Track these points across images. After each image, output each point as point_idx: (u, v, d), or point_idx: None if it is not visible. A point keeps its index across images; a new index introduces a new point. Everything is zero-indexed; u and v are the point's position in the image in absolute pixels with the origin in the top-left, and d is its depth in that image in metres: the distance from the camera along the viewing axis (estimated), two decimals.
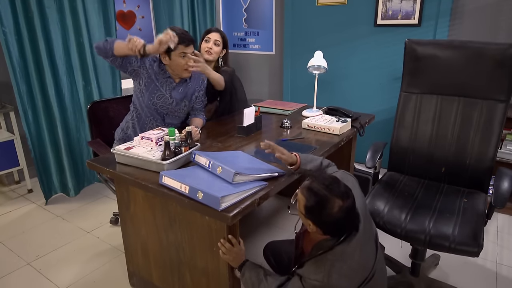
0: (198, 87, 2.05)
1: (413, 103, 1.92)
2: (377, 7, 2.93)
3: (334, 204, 1.05)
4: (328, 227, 1.10)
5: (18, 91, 2.41)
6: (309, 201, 1.08)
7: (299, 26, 3.38)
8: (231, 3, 3.84)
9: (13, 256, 2.14)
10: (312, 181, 1.11)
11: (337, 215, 1.06)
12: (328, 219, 1.07)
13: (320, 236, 1.13)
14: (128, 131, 1.99)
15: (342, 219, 1.07)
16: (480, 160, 1.76)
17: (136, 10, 3.33)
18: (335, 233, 1.11)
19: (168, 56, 1.83)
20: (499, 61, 1.69)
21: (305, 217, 1.11)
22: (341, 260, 1.08)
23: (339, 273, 1.07)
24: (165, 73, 1.91)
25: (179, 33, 1.78)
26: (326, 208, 1.05)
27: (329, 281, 1.06)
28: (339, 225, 1.09)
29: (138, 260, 1.73)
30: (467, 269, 2.00)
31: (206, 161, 1.44)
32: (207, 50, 2.21)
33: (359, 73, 3.21)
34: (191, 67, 1.88)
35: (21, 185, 3.01)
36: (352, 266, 1.09)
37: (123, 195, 1.64)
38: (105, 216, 2.54)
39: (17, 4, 2.31)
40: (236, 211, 1.21)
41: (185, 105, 2.01)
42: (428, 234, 1.46)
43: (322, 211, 1.06)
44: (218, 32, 2.23)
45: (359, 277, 1.11)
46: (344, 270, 1.08)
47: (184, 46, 1.81)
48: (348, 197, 1.08)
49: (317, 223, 1.09)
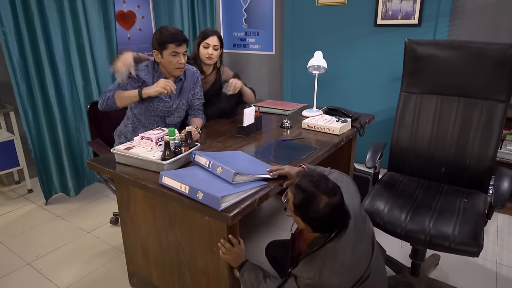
0: (193, 85, 2.08)
1: (413, 103, 1.92)
2: (377, 7, 2.93)
3: (321, 200, 1.07)
4: (316, 224, 1.12)
5: (18, 91, 2.41)
6: (296, 198, 1.10)
7: (299, 26, 3.38)
8: (231, 3, 3.84)
9: (13, 256, 2.14)
10: (301, 178, 1.13)
11: (324, 211, 1.08)
12: (315, 215, 1.09)
13: (312, 234, 1.15)
14: (128, 135, 1.99)
15: (329, 216, 1.09)
16: (480, 160, 1.76)
17: (136, 10, 3.33)
18: (323, 230, 1.12)
19: (160, 54, 1.86)
20: (499, 61, 1.69)
21: (295, 214, 1.14)
22: (332, 257, 1.09)
23: (330, 270, 1.08)
24: (161, 74, 1.93)
25: (172, 32, 1.81)
26: (313, 204, 1.08)
27: (320, 279, 1.07)
28: (326, 222, 1.11)
29: (138, 260, 1.73)
30: (467, 269, 2.00)
31: (206, 161, 1.44)
32: (208, 56, 2.21)
33: (359, 73, 3.21)
34: (232, 89, 2.11)
35: (21, 185, 3.01)
36: (344, 263, 1.10)
37: (123, 195, 1.64)
38: (105, 216, 2.54)
39: (17, 4, 2.31)
40: (236, 211, 1.21)
41: (183, 104, 2.04)
42: (428, 234, 1.46)
43: (309, 207, 1.09)
44: (215, 35, 2.22)
45: (352, 276, 1.11)
46: (335, 267, 1.09)
47: (175, 46, 1.82)
48: (335, 194, 1.10)
49: (306, 220, 1.12)
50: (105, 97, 1.88)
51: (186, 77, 2.03)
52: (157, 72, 1.94)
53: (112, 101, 1.86)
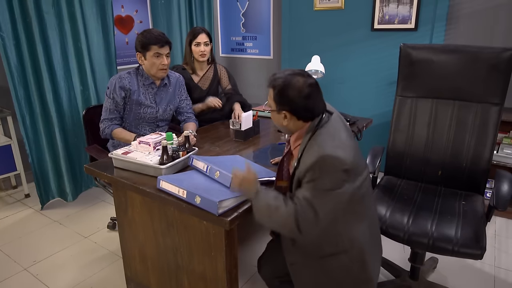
0: (178, 89, 2.14)
1: (408, 107, 1.93)
2: (374, 12, 2.95)
3: (299, 80, 1.17)
4: (300, 107, 1.17)
5: (16, 95, 2.41)
6: (276, 88, 1.18)
7: (297, 30, 3.40)
8: (229, 7, 3.86)
9: (10, 261, 2.12)
10: (274, 75, 1.22)
11: (304, 90, 1.16)
12: (297, 95, 1.16)
13: (300, 127, 1.21)
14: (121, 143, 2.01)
15: (310, 95, 1.16)
16: (476, 162, 1.77)
17: (134, 15, 3.34)
18: (308, 114, 1.19)
19: (143, 56, 1.91)
20: (493, 65, 1.71)
21: (278, 109, 1.20)
22: (329, 136, 1.15)
23: (332, 145, 1.12)
24: (146, 79, 1.98)
25: (155, 35, 1.88)
26: (292, 85, 1.16)
27: (325, 150, 1.10)
28: (310, 102, 1.17)
29: (135, 265, 1.73)
30: (466, 272, 2.00)
31: (204, 165, 1.44)
32: (201, 54, 2.29)
33: (356, 77, 3.22)
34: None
35: (18, 190, 3.00)
36: (342, 140, 1.15)
37: (121, 199, 1.64)
38: (103, 221, 2.53)
39: (15, 10, 2.32)
40: (234, 215, 1.21)
41: (170, 109, 2.10)
42: (431, 237, 1.46)
43: (289, 90, 1.16)
44: (204, 32, 2.30)
45: (354, 157, 1.13)
46: (336, 142, 1.14)
47: (158, 47, 1.88)
48: (310, 76, 1.19)
49: (289, 106, 1.18)
50: (103, 127, 1.98)
51: (171, 82, 2.09)
52: (141, 76, 1.98)
53: (109, 136, 1.99)
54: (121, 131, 1.96)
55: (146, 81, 1.98)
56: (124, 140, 1.92)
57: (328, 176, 1.10)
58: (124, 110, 2.00)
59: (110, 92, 1.94)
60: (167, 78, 2.05)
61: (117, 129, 1.97)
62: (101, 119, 2.00)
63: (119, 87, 1.92)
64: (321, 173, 1.09)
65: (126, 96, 1.95)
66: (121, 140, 1.96)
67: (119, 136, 1.95)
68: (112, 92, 1.93)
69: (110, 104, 1.95)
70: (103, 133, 1.99)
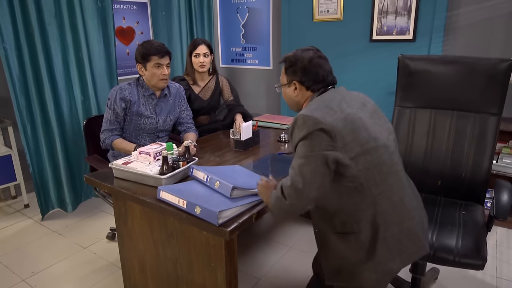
0: (179, 99, 2.16)
1: (407, 117, 1.94)
2: (372, 23, 2.99)
3: (309, 52, 1.27)
4: (309, 76, 1.24)
5: (17, 106, 2.43)
6: (287, 60, 1.28)
7: (296, 41, 3.44)
8: (229, 19, 3.91)
9: (8, 272, 2.11)
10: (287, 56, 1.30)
11: (315, 59, 1.24)
12: (307, 64, 1.24)
13: (308, 96, 1.27)
14: (121, 153, 2.02)
15: (319, 64, 1.24)
16: (476, 172, 1.78)
17: (135, 26, 3.38)
18: (317, 83, 1.25)
19: (144, 67, 1.93)
20: (490, 76, 1.73)
21: (289, 81, 1.29)
22: (315, 103, 1.18)
23: (312, 108, 1.14)
24: (146, 90, 1.99)
25: (155, 46, 1.91)
26: (303, 55, 1.25)
27: (302, 112, 1.13)
28: (319, 71, 1.24)
29: (135, 276, 1.72)
30: (467, 283, 1.98)
31: (204, 175, 1.45)
32: (201, 65, 2.31)
33: (355, 88, 3.19)
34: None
35: (17, 200, 2.99)
36: (331, 106, 1.14)
37: (121, 210, 1.64)
38: (102, 232, 2.52)
39: (18, 21, 2.35)
40: (234, 226, 1.21)
41: (170, 120, 2.11)
42: (432, 247, 1.45)
43: (299, 59, 1.25)
44: (204, 43, 2.32)
45: (341, 122, 1.10)
46: (319, 107, 1.14)
47: (158, 57, 1.91)
48: (320, 51, 1.29)
49: (299, 75, 1.25)
50: (103, 138, 2.00)
51: (171, 93, 2.11)
52: (141, 87, 1.99)
53: (110, 146, 2.00)
54: (121, 142, 1.97)
55: (146, 92, 2.00)
56: (125, 150, 1.93)
57: (302, 132, 1.08)
58: (124, 121, 2.01)
59: (111, 103, 1.95)
60: (167, 89, 2.07)
61: (118, 139, 1.97)
62: (101, 130, 2.01)
63: (120, 99, 1.94)
64: (298, 130, 1.10)
65: (127, 107, 1.97)
66: (121, 150, 1.97)
67: (119, 146, 1.96)
68: (112, 103, 1.95)
69: (110, 115, 1.97)
70: (104, 143, 2.00)
